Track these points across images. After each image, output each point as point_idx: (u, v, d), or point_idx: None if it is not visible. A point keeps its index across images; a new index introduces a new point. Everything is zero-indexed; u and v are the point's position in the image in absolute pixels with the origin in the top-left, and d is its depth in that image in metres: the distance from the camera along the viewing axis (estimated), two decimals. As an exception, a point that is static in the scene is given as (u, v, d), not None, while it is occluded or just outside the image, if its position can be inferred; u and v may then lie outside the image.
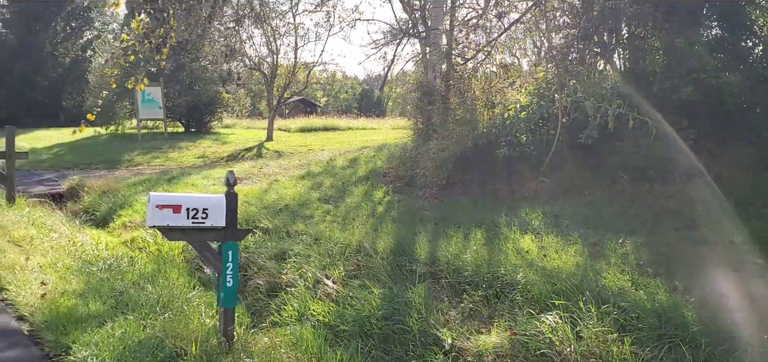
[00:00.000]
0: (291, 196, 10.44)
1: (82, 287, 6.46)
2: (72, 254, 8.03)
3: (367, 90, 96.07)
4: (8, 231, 9.33)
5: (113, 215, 11.90)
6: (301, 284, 6.64)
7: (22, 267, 7.23)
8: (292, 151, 19.92)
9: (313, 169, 12.56)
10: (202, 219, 4.64)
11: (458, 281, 6.12)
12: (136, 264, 7.45)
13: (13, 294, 6.27)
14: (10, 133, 11.87)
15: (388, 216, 8.62)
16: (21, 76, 41.88)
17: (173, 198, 4.63)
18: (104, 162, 20.48)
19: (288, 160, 14.95)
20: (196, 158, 20.60)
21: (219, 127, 31.06)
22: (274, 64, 23.47)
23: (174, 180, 14.13)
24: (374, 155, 13.06)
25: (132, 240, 10.15)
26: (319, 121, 32.57)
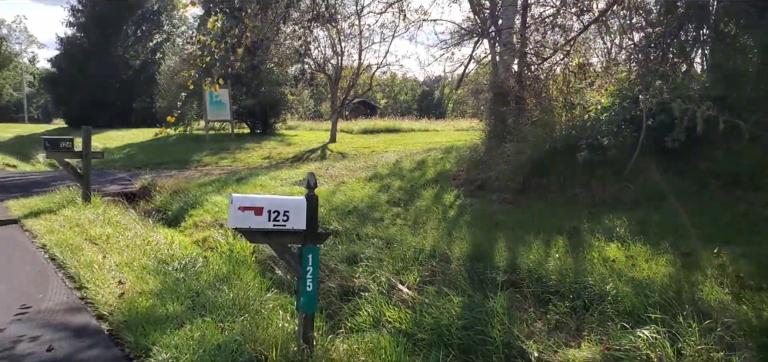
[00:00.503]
0: (359, 198, 10.32)
1: (158, 287, 6.48)
2: (147, 253, 8.11)
3: (427, 91, 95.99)
4: (85, 230, 9.54)
5: (184, 214, 12.05)
6: (375, 289, 6.47)
7: (100, 265, 7.33)
8: (355, 153, 19.88)
9: (380, 171, 12.42)
10: (283, 221, 4.53)
11: (541, 290, 5.83)
12: (211, 264, 7.44)
13: (93, 293, 6.33)
14: (86, 133, 12.17)
15: (461, 220, 8.38)
16: (94, 79, 43.54)
17: (255, 200, 4.53)
18: (174, 162, 20.96)
19: (353, 162, 14.88)
20: (262, 159, 20.82)
21: (283, 128, 31.43)
22: (338, 65, 23.50)
23: (243, 180, 14.24)
24: (442, 157, 12.82)
25: (204, 239, 10.24)
26: (381, 123, 32.52)
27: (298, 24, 16.98)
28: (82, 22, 47.06)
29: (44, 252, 8.28)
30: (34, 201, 12.29)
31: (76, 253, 7.90)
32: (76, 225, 9.90)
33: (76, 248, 8.18)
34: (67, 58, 46.30)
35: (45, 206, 11.59)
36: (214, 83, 7.93)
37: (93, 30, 45.47)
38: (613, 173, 8.66)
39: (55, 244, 8.47)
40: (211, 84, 7.19)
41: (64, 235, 8.96)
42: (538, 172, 9.17)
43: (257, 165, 19.63)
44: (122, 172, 18.89)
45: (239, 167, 19.29)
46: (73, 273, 7.14)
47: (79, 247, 8.24)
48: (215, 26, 7.50)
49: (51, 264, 7.68)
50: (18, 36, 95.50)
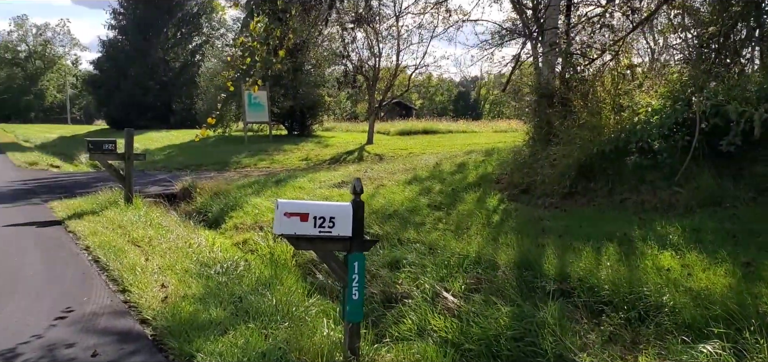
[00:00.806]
0: (399, 202, 10.18)
1: (201, 291, 6.43)
2: (189, 256, 8.10)
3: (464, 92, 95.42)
4: (128, 232, 9.60)
5: (225, 216, 12.07)
6: (418, 296, 6.33)
7: (143, 268, 7.33)
8: (392, 154, 19.77)
9: (419, 174, 12.27)
10: (328, 228, 4.42)
11: (594, 300, 5.61)
12: (253, 268, 7.38)
13: (136, 297, 6.32)
14: (129, 135, 12.29)
15: (506, 225, 8.17)
16: (135, 80, 44.34)
17: (301, 205, 4.43)
18: (214, 163, 21.13)
19: (391, 164, 14.75)
20: (300, 160, 20.86)
21: (320, 130, 31.51)
22: (376, 67, 23.42)
23: (281, 182, 14.24)
24: (483, 160, 12.60)
25: (244, 242, 10.22)
26: (418, 124, 32.36)
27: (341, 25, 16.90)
28: (123, 25, 47.97)
29: (88, 254, 8.34)
30: (77, 202, 12.46)
31: (119, 255, 7.93)
32: (119, 226, 9.97)
33: (119, 250, 8.22)
34: (109, 60, 47.25)
35: (88, 207, 11.73)
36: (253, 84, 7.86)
37: (134, 32, 46.31)
38: (663, 178, 8.35)
39: (98, 246, 8.52)
40: (251, 85, 7.14)
41: (107, 237, 9.03)
42: (585, 176, 8.90)
43: (295, 166, 19.66)
44: (163, 173, 19.10)
45: (277, 169, 19.34)
46: (116, 276, 7.16)
47: (121, 249, 8.28)
48: (257, 28, 7.45)
49: (94, 267, 7.73)
50: (62, 39, 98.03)
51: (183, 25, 48.48)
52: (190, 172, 19.18)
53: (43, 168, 21.88)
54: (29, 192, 14.85)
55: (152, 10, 45.31)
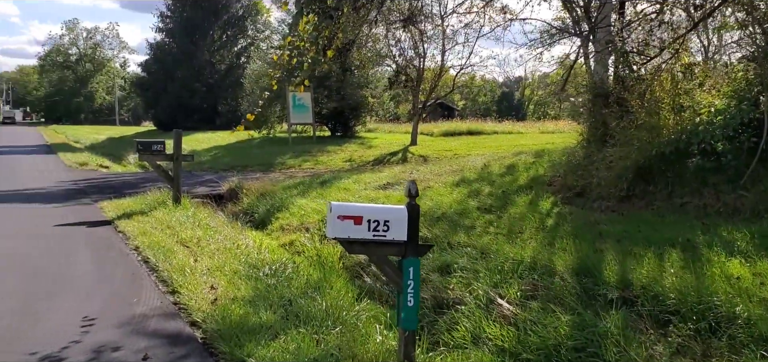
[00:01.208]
0: (448, 204, 9.98)
1: (250, 293, 6.35)
2: (237, 257, 8.05)
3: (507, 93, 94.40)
4: (176, 232, 9.62)
5: (271, 217, 12.05)
6: (472, 302, 6.12)
7: (192, 269, 7.29)
8: (437, 156, 19.54)
9: (467, 176, 12.03)
10: (383, 232, 4.26)
11: (659, 310, 5.31)
12: (301, 271, 7.28)
13: (186, 298, 6.26)
14: (177, 136, 12.37)
15: (561, 230, 7.89)
16: (182, 82, 45.08)
17: (355, 208, 4.28)
18: (259, 164, 21.24)
19: (437, 166, 14.55)
20: (344, 162, 20.80)
21: (362, 131, 31.47)
22: (420, 67, 23.22)
23: (326, 184, 14.17)
24: (533, 161, 12.30)
25: (290, 243, 10.16)
26: (462, 125, 32.06)
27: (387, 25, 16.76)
28: (170, 28, 48.84)
29: (137, 254, 8.36)
30: (126, 202, 12.60)
31: (168, 256, 7.92)
32: (167, 227, 10.01)
33: (168, 251, 8.22)
34: (157, 62, 48.18)
35: (137, 208, 11.85)
36: (300, 84, 7.77)
37: (181, 35, 47.13)
38: (728, 181, 7.96)
39: (147, 246, 8.55)
40: (298, 85, 7.04)
41: (156, 237, 9.05)
42: (644, 178, 8.55)
43: (339, 167, 19.60)
44: (209, 173, 19.26)
45: (321, 170, 19.32)
46: (166, 277, 7.13)
47: (171, 250, 8.28)
48: (305, 28, 7.35)
49: (144, 267, 7.73)
50: (110, 42, 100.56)
51: (228, 27, 49.10)
52: (236, 173, 19.30)
53: (93, 168, 22.31)
54: (80, 192, 15.11)
55: (199, 13, 46.00)
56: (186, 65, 45.24)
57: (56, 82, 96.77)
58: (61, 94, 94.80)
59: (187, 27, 46.41)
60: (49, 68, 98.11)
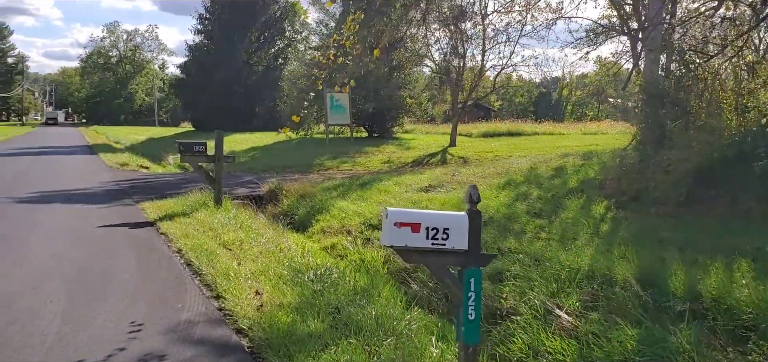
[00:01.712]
0: (495, 208, 9.67)
1: (296, 299, 6.16)
2: (281, 261, 7.88)
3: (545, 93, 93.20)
4: (219, 234, 9.50)
5: (311, 219, 11.89)
6: (527, 312, 5.82)
7: (236, 273, 7.14)
8: (477, 157, 19.20)
9: (514, 178, 11.69)
10: (442, 240, 4.00)
11: (734, 325, 4.95)
12: (347, 276, 7.06)
13: (231, 304, 6.10)
14: (219, 137, 12.28)
15: (618, 236, 7.53)
16: (220, 83, 45.43)
17: (412, 215, 4.03)
18: (297, 165, 21.16)
19: (480, 168, 14.21)
20: (382, 163, 20.59)
21: (399, 132, 31.24)
22: (460, 67, 22.88)
23: (366, 185, 13.96)
24: (582, 164, 11.90)
25: (332, 246, 9.97)
26: (501, 126, 31.60)
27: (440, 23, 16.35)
28: (209, 30, 49.29)
29: (180, 257, 8.25)
30: (167, 203, 12.57)
31: (212, 259, 7.79)
32: (210, 229, 9.91)
33: (211, 254, 8.09)
34: (195, 64, 48.65)
35: (178, 209, 11.79)
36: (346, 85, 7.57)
37: (219, 37, 47.52)
38: (796, 185, 7.51)
39: (190, 249, 8.43)
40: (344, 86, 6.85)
41: (198, 240, 8.94)
42: (705, 182, 8.13)
43: (377, 169, 19.40)
44: (248, 174, 19.23)
45: (360, 171, 19.13)
46: (210, 281, 6.99)
47: (213, 253, 8.15)
48: (352, 26, 7.13)
49: (187, 270, 7.60)
50: (150, 44, 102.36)
51: (266, 29, 49.35)
52: (274, 174, 19.25)
53: (134, 169, 22.50)
54: (121, 193, 15.17)
55: (237, 15, 46.31)
56: (224, 66, 45.56)
57: (97, 84, 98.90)
58: (102, 95, 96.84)
59: (226, 28, 46.74)
60: (90, 70, 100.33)
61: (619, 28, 15.38)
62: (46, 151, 31.44)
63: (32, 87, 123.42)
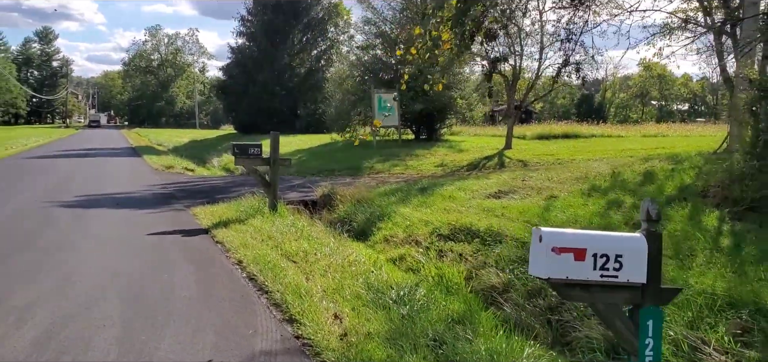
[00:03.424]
0: (586, 217, 8.68)
1: (384, 327, 5.29)
2: (353, 276, 7.04)
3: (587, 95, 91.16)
4: (279, 244, 8.72)
5: (372, 227, 11.05)
6: (667, 349, 4.84)
7: (307, 291, 6.31)
8: (538, 161, 18.13)
9: (597, 184, 10.65)
10: (614, 270, 3.08)
11: None
12: (435, 297, 6.17)
13: (309, 330, 5.25)
14: (274, 139, 11.54)
15: (746, 253, 6.48)
16: (262, 86, 45.02)
17: (574, 237, 3.11)
18: (346, 168, 20.36)
19: (552, 172, 13.14)
20: (435, 166, 19.64)
21: (447, 134, 30.23)
22: (517, 65, 21.80)
23: (426, 191, 13.06)
24: (673, 168, 10.79)
25: (400, 258, 9.11)
26: (556, 128, 30.39)
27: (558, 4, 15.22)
28: (251, 32, 48.95)
29: (241, 270, 7.47)
30: (219, 209, 11.88)
31: (276, 273, 7.00)
32: (268, 237, 9.14)
33: (275, 267, 7.30)
34: (238, 66, 48.36)
35: (232, 215, 11.08)
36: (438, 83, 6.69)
37: (261, 39, 47.11)
38: None
39: (251, 261, 7.66)
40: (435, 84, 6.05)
41: (258, 250, 8.17)
42: None
43: (431, 173, 18.47)
44: (297, 178, 18.52)
45: (413, 175, 18.23)
46: (279, 300, 6.18)
47: (277, 266, 7.36)
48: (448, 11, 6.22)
49: (251, 286, 6.81)
50: (190, 47, 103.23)
51: (309, 30, 48.78)
52: (323, 177, 18.50)
53: (179, 171, 22.03)
54: (170, 197, 14.57)
55: (279, 16, 45.85)
56: (266, 68, 45.12)
57: (139, 87, 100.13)
58: (143, 98, 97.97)
59: (268, 30, 46.29)
60: (132, 73, 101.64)
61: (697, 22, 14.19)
62: (90, 153, 31.32)
63: (76, 90, 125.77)
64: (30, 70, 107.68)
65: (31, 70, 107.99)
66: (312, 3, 47.53)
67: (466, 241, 8.94)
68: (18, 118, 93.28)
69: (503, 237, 8.47)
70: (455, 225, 9.62)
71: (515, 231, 8.55)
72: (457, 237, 9.20)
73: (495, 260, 7.82)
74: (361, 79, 28.83)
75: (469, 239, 8.97)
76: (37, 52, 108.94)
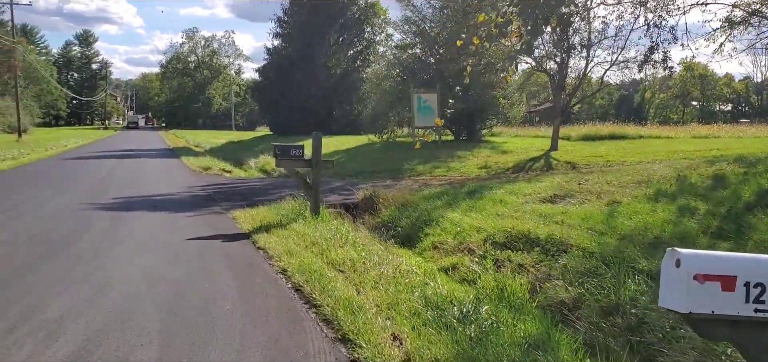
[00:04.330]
0: (656, 225, 7.97)
1: (452, 352, 4.70)
2: (406, 288, 6.46)
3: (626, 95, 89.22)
4: (324, 251, 8.18)
5: (418, 233, 10.50)
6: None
7: (359, 306, 5.76)
8: (587, 163, 17.34)
9: (662, 188, 9.89)
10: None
11: None
12: (504, 316, 5.55)
13: (367, 354, 4.70)
14: (316, 140, 11.04)
15: None
16: (298, 87, 44.73)
17: (720, 261, 2.49)
18: (386, 170, 19.84)
19: (610, 175, 12.35)
20: (479, 169, 18.97)
21: (488, 135, 29.49)
22: (564, 64, 20.97)
23: (474, 194, 12.43)
24: (746, 171, 9.97)
25: (452, 267, 8.52)
26: (603, 128, 29.38)
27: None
28: (287, 33, 48.73)
29: (286, 280, 6.95)
30: (260, 212, 11.43)
31: (324, 284, 6.46)
32: (312, 243, 8.62)
33: (322, 277, 6.77)
34: (274, 67, 48.18)
35: (273, 219, 10.60)
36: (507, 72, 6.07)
37: (297, 39, 46.84)
38: None
39: (296, 270, 7.13)
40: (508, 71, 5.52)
41: (303, 259, 7.64)
42: None
43: (475, 175, 17.81)
44: (336, 180, 18.04)
45: (456, 177, 17.61)
46: (329, 315, 5.64)
47: (324, 276, 6.83)
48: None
49: (298, 298, 6.29)
50: (226, 49, 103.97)
51: (345, 30, 48.36)
52: (363, 179, 18.00)
53: (216, 173, 21.75)
54: (208, 199, 14.19)
55: (316, 17, 45.51)
56: (302, 69, 44.80)
57: (176, 89, 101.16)
58: (180, 99, 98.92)
59: (304, 31, 45.96)
60: (169, 75, 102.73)
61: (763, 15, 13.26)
62: (128, 155, 31.37)
63: (114, 92, 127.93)
64: (70, 72, 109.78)
65: (71, 72, 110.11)
66: (348, 3, 47.09)
67: (525, 250, 8.30)
68: (58, 119, 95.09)
69: (567, 247, 7.81)
70: (511, 232, 8.98)
71: (580, 240, 7.89)
72: (515, 245, 8.57)
73: (560, 272, 7.17)
74: (399, 78, 28.24)
75: (529, 248, 8.34)
76: (77, 54, 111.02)
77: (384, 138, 28.90)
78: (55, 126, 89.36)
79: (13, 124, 48.07)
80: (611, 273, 6.57)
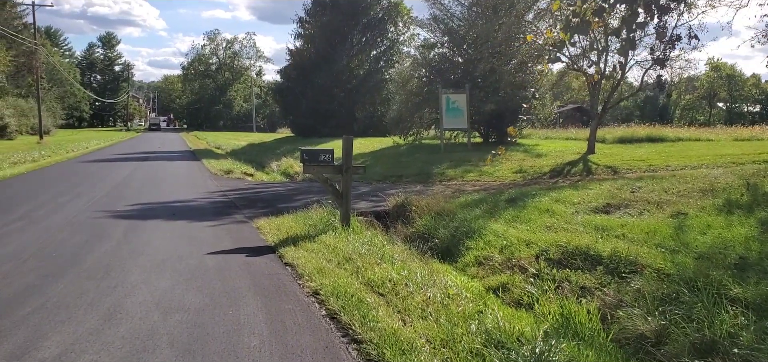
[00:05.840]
0: (737, 242, 7.01)
1: (532, 411, 3.79)
2: (460, 318, 5.59)
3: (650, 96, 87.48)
4: (359, 269, 7.31)
5: (459, 246, 9.60)
6: None
7: (410, 344, 4.91)
8: (628, 167, 16.28)
9: (733, 198, 8.88)
10: None
11: None
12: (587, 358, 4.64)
13: (427, 412, 3.80)
14: (347, 143, 10.19)
15: None
16: (320, 88, 43.98)
17: None
18: (414, 174, 18.95)
19: (665, 182, 11.31)
20: (514, 173, 17.97)
21: (519, 137, 28.44)
22: (603, 63, 19.92)
23: (516, 203, 11.50)
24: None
25: (502, 287, 7.61)
26: (639, 131, 28.25)
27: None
28: (309, 34, 48.02)
29: (320, 306, 6.10)
30: (285, 221, 10.62)
31: (364, 313, 5.62)
32: (345, 259, 7.76)
33: (361, 302, 5.94)
34: (296, 68, 47.50)
35: (300, 230, 9.77)
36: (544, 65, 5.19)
37: (320, 40, 46.09)
38: None
39: (331, 293, 6.28)
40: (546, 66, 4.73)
41: (337, 278, 6.80)
42: None
43: (511, 180, 16.83)
44: (363, 184, 17.20)
45: (490, 182, 16.64)
46: (373, 354, 4.80)
47: (363, 301, 5.99)
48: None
49: (334, 330, 5.43)
50: (247, 51, 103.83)
51: (368, 30, 47.49)
52: (392, 184, 17.14)
53: (238, 177, 21.01)
54: (230, 206, 13.41)
55: (338, 17, 44.73)
56: (324, 70, 44.04)
57: (197, 90, 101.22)
58: (201, 101, 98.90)
59: (327, 32, 45.17)
60: (191, 77, 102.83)
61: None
62: (149, 157, 30.82)
63: (137, 94, 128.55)
64: (93, 74, 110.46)
65: (94, 74, 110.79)
66: (372, 2, 46.23)
67: (586, 269, 7.36)
68: (81, 121, 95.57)
69: (637, 267, 6.87)
70: (567, 247, 8.05)
71: (651, 259, 6.94)
72: (572, 263, 7.63)
73: (634, 297, 6.23)
74: (426, 78, 27.33)
75: (590, 266, 7.40)
76: (100, 56, 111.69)
77: (410, 140, 28.00)
78: (78, 128, 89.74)
79: (36, 126, 47.91)
80: (699, 300, 5.62)
